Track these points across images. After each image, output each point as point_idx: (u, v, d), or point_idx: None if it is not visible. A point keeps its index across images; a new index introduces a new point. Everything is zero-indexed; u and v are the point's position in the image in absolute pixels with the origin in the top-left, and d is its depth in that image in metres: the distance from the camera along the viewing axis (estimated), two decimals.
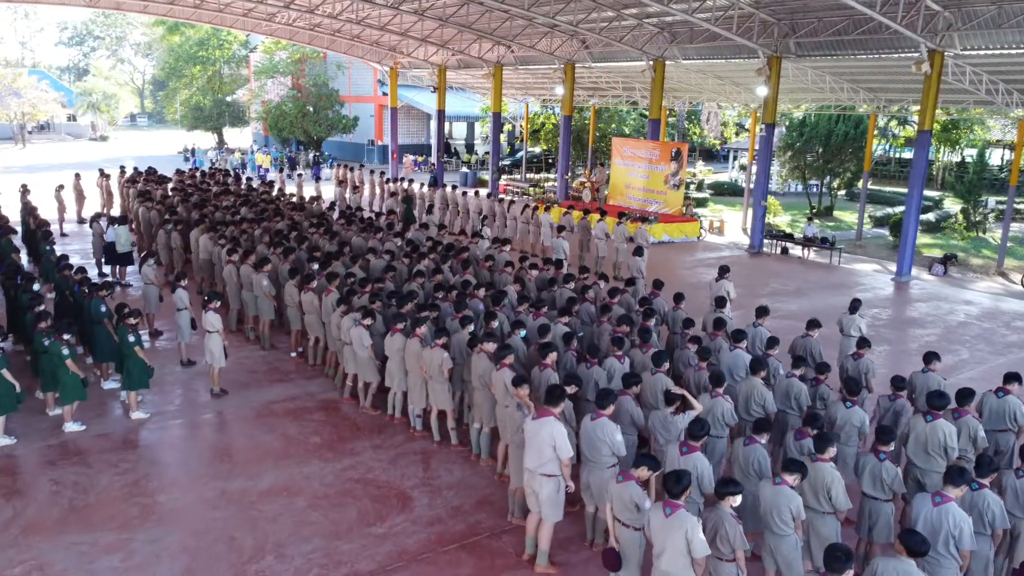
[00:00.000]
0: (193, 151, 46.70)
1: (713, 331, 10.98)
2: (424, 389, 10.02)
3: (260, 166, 41.75)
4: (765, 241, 24.28)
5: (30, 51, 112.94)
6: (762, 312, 11.38)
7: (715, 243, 26.23)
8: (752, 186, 31.32)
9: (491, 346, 9.25)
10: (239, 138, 63.00)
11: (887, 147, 49.93)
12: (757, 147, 39.06)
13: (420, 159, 48.41)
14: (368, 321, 10.68)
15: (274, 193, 24.60)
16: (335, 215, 21.28)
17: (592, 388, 8.96)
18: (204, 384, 11.78)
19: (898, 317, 17.45)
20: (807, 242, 23.28)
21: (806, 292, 19.15)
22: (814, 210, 34.30)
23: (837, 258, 22.84)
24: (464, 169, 45.01)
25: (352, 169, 31.43)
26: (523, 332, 10.32)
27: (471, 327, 10.26)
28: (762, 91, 23.08)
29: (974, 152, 36.69)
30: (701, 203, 34.49)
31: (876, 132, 33.83)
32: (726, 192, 41.32)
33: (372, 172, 30.15)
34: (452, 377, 9.96)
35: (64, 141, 70.70)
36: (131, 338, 10.35)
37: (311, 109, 48.24)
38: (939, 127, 43.36)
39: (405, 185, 27.49)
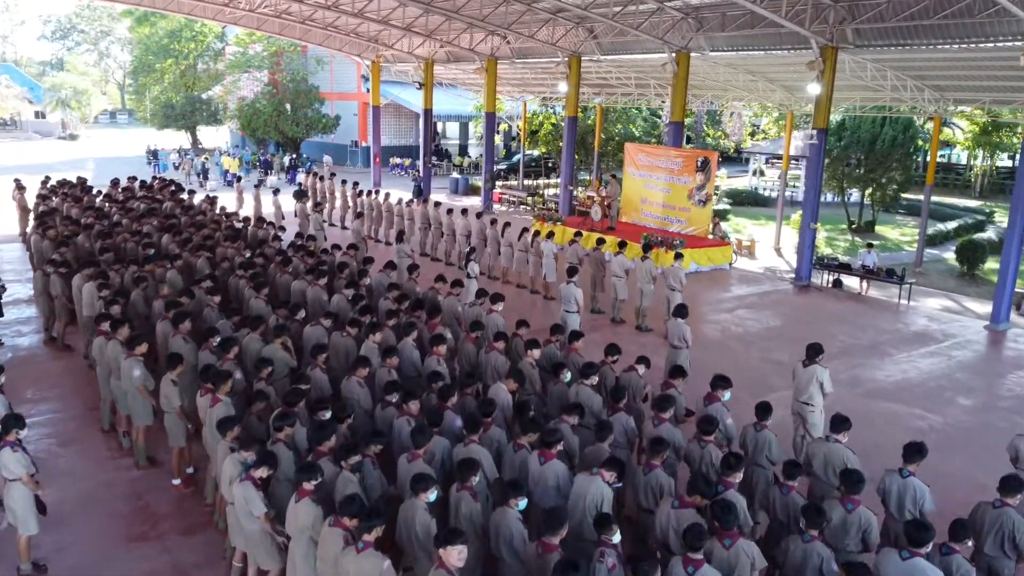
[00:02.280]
0: (155, 153, 42.30)
1: (844, 491, 6.56)
2: None
3: (227, 171, 37.40)
4: (812, 270, 20.02)
5: (11, 45, 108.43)
6: (840, 424, 7.24)
7: (749, 271, 21.94)
8: (779, 195, 27.08)
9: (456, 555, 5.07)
10: (216, 138, 58.51)
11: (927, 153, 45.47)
12: (796, 153, 34.75)
13: (407, 163, 44.07)
14: (263, 473, 6.40)
15: (218, 210, 20.32)
16: (283, 242, 17.01)
17: None
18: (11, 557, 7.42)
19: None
20: (868, 274, 18.99)
21: (886, 349, 14.85)
22: (853, 225, 30.08)
23: (905, 296, 18.56)
24: (455, 174, 40.67)
25: (322, 178, 27.15)
26: (522, 503, 6.08)
27: (432, 494, 6.02)
28: (814, 89, 18.82)
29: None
30: (721, 216, 30.22)
31: (916, 134, 29.60)
32: (745, 201, 37.06)
33: (345, 183, 25.83)
34: None
35: (31, 140, 66.21)
36: None
37: (288, 107, 43.87)
38: (977, 129, 39.21)
39: (381, 199, 23.17)
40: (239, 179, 30.83)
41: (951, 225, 29.92)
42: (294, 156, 40.36)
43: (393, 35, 31.68)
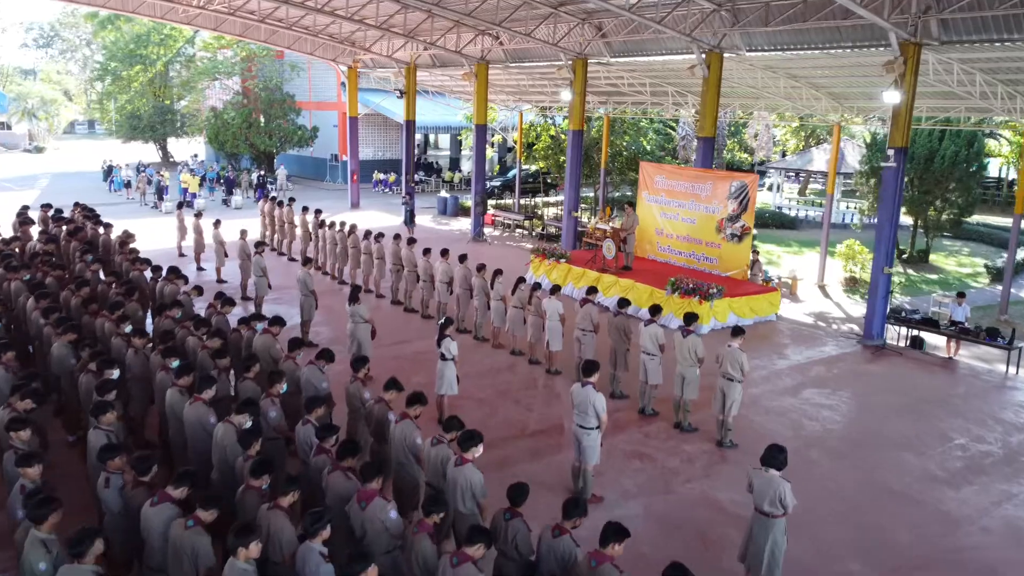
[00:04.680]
0: (110, 169, 38.04)
1: None
2: None
3: (186, 189, 33.13)
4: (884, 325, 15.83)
5: None
6: None
7: (800, 324, 17.73)
8: (824, 221, 22.93)
9: None
10: (191, 152, 54.16)
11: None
12: (847, 171, 30.27)
13: (391, 178, 39.86)
14: None
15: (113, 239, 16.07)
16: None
17: None
18: None
19: None
20: (962, 333, 14.75)
21: None
22: (903, 255, 25.90)
23: (1015, 364, 14.35)
24: (443, 193, 36.46)
25: (280, 204, 22.93)
26: None
27: None
28: (892, 97, 14.67)
29: None
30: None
31: (981, 150, 25.43)
32: (768, 223, 32.82)
33: (306, 210, 21.61)
34: None
35: None
36: None
37: (260, 119, 39.67)
38: None
39: (347, 231, 18.96)
40: (186, 204, 26.69)
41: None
42: (262, 173, 36.04)
43: (370, 36, 27.62)
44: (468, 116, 31.19)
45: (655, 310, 11.48)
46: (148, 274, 13.99)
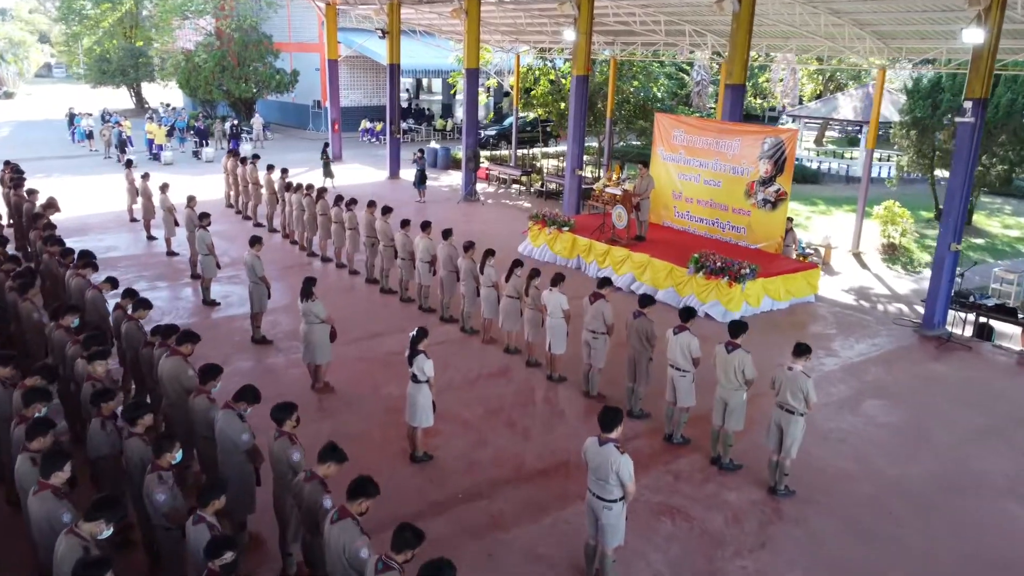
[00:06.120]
0: (72, 117, 34.97)
1: None
2: None
3: (152, 140, 30.28)
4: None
5: None
6: None
7: (843, 305, 15.23)
8: (863, 179, 20.29)
9: None
10: (168, 97, 50.72)
11: None
12: (853, 117, 27.18)
13: (379, 127, 36.81)
14: None
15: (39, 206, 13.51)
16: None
17: None
18: None
19: None
20: None
21: None
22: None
23: None
24: (434, 143, 33.56)
25: (244, 160, 20.19)
26: None
27: None
28: (974, 36, 11.93)
29: None
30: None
31: None
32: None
33: (271, 168, 18.89)
34: None
35: None
36: None
37: (234, 62, 36.39)
38: None
39: (315, 196, 16.31)
40: (151, 157, 23.89)
41: None
42: (235, 122, 32.97)
43: None
44: (459, 58, 28.16)
45: (687, 314, 8.95)
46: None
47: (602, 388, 10.29)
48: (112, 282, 9.92)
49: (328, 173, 24.03)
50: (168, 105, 42.72)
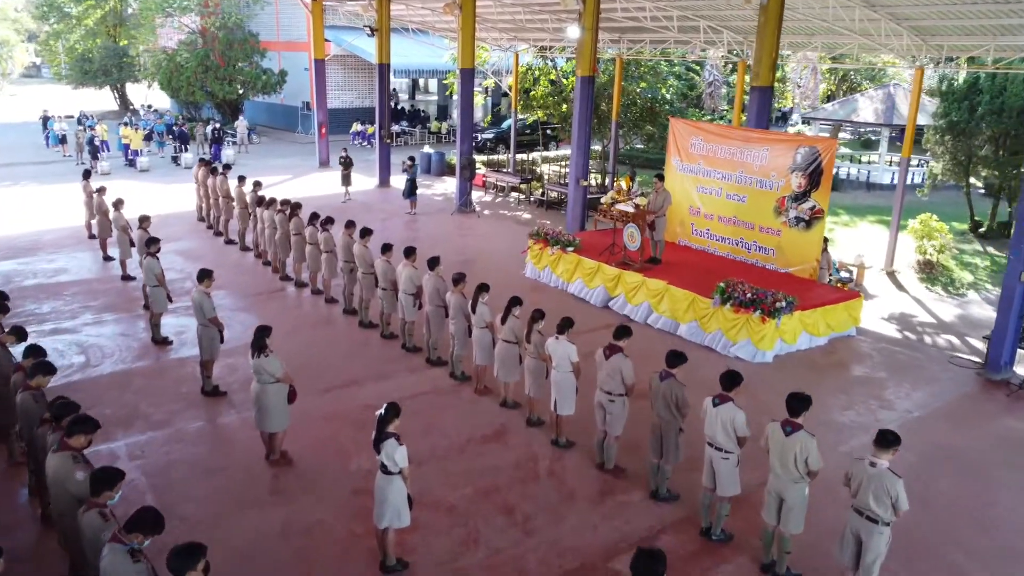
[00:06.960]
0: (46, 120, 33.08)
1: None
2: None
3: (127, 145, 28.42)
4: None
5: None
6: None
7: (889, 340, 13.35)
8: (899, 188, 18.44)
9: None
10: (153, 99, 48.83)
11: None
12: (899, 123, 25.21)
13: (370, 130, 34.92)
14: None
15: None
16: None
17: None
18: None
19: None
20: None
21: None
22: (980, 228, 21.47)
23: None
24: (427, 148, 31.68)
25: (215, 171, 18.34)
26: None
27: None
28: None
29: None
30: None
31: None
32: None
33: (243, 180, 17.02)
34: None
35: None
36: None
37: (218, 61, 34.50)
38: None
39: (288, 213, 14.45)
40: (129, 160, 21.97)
41: None
42: (218, 125, 31.05)
43: None
44: (454, 57, 26.31)
45: (731, 381, 7.05)
46: None
47: (619, 457, 8.45)
48: (18, 334, 8.08)
49: (347, 181, 22.61)
50: (151, 107, 40.91)
